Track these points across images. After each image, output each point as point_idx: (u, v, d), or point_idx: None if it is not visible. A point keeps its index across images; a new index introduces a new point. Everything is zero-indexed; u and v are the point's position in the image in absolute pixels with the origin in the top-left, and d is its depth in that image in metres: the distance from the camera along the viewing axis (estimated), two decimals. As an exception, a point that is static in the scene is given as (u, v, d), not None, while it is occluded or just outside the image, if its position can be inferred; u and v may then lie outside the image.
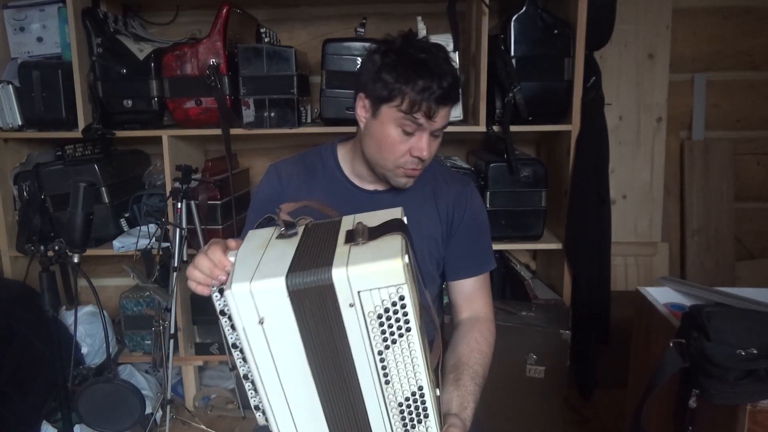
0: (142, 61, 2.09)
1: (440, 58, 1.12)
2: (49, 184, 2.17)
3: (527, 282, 2.27)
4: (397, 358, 0.87)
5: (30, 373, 1.96)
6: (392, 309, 0.84)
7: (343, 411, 0.91)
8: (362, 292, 0.83)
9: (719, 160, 2.60)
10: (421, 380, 0.89)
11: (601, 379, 2.24)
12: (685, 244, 2.63)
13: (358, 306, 0.83)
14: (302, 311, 0.84)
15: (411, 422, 0.92)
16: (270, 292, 0.83)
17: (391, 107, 1.11)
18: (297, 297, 0.83)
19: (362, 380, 0.88)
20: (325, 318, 0.85)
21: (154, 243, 2.15)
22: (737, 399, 1.06)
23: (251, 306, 0.84)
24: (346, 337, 0.85)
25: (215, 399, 2.41)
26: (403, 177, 1.17)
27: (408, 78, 1.08)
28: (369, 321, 0.84)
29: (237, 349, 0.94)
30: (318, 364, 0.87)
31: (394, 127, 1.12)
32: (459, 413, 1.05)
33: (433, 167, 1.31)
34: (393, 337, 0.85)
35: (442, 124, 1.13)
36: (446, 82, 1.09)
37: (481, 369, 1.15)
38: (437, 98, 1.08)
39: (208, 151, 2.58)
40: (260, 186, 1.28)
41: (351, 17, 2.39)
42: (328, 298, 0.83)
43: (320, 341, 0.86)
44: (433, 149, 1.15)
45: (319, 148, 1.31)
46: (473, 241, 1.27)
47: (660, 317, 1.38)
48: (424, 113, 1.09)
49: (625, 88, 2.51)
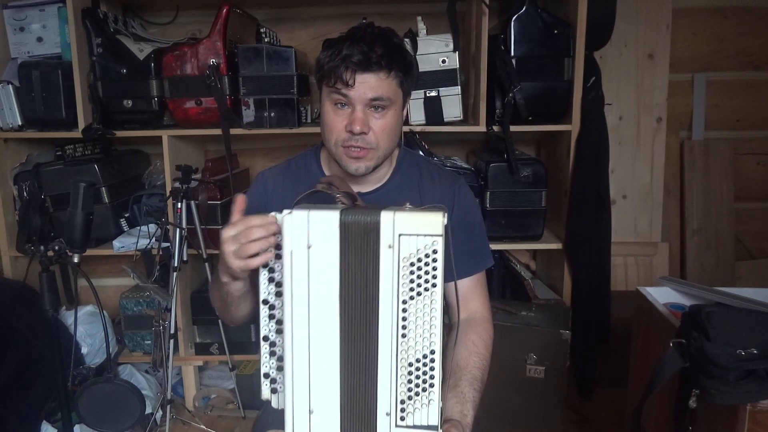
0: (142, 61, 2.09)
1: (375, 32, 1.11)
2: (49, 184, 2.17)
3: (527, 282, 2.27)
4: (417, 313, 0.93)
5: (30, 373, 1.96)
6: (424, 260, 0.91)
7: (357, 356, 0.95)
8: (403, 236, 0.91)
9: (719, 160, 2.60)
10: (435, 344, 0.93)
11: (601, 379, 2.24)
12: (685, 244, 2.63)
13: (396, 249, 0.92)
14: (347, 245, 0.93)
15: (417, 387, 0.95)
16: (324, 221, 0.93)
17: (324, 86, 1.12)
18: (346, 230, 0.93)
19: (382, 326, 0.94)
20: (365, 255, 0.93)
21: (154, 243, 2.15)
22: (737, 399, 1.06)
23: (304, 230, 0.93)
24: (379, 277, 0.93)
25: (215, 399, 2.41)
26: (348, 159, 1.14)
27: (332, 49, 1.09)
28: (402, 266, 0.92)
29: (273, 283, 0.99)
30: (347, 299, 0.94)
31: (329, 103, 1.13)
32: (460, 420, 1.04)
33: (420, 165, 1.28)
34: (419, 289, 0.92)
35: (374, 94, 1.09)
36: (367, 48, 1.06)
37: (479, 373, 1.14)
38: (356, 63, 1.06)
39: (208, 151, 2.58)
40: (249, 193, 1.27)
41: (351, 17, 2.39)
42: (371, 236, 0.92)
43: (355, 277, 0.94)
44: (377, 126, 1.11)
45: (304, 154, 1.30)
46: (465, 239, 1.22)
47: (660, 317, 1.39)
48: (342, 80, 1.07)
49: (625, 88, 2.51)
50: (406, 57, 1.14)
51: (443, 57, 2.06)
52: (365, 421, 0.96)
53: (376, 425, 0.95)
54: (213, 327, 2.32)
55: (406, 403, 0.95)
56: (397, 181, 1.25)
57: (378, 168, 1.19)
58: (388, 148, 1.16)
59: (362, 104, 1.09)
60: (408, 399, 0.95)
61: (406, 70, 1.13)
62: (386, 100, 1.10)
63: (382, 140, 1.13)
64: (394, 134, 1.16)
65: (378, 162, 1.16)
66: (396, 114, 1.14)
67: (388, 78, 1.10)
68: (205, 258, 2.14)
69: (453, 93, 2.08)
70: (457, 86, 2.08)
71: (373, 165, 1.15)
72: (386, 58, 1.08)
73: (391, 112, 1.13)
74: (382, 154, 1.15)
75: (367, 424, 0.96)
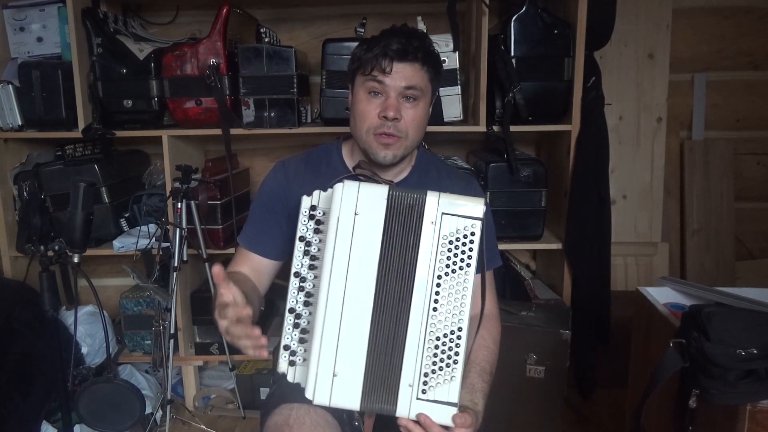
0: (142, 61, 2.09)
1: (409, 29, 1.17)
2: (49, 184, 2.17)
3: (527, 282, 2.27)
4: (450, 289, 0.98)
5: (30, 373, 1.96)
6: (462, 240, 0.98)
7: (387, 325, 0.98)
8: (445, 215, 0.98)
9: (719, 160, 2.60)
10: (463, 322, 0.98)
11: (601, 379, 2.24)
12: (685, 244, 2.63)
13: (437, 225, 0.98)
14: (391, 216, 0.99)
15: (441, 362, 0.98)
16: (373, 193, 0.99)
17: (359, 76, 1.17)
18: (393, 202, 0.99)
19: (415, 297, 0.98)
20: (408, 228, 0.99)
21: (154, 243, 2.15)
22: (737, 399, 1.06)
23: (354, 199, 0.98)
24: (418, 250, 0.98)
25: (215, 399, 2.41)
26: (378, 146, 1.17)
27: (369, 44, 1.16)
28: (441, 243, 0.98)
29: (308, 256, 1.04)
30: (385, 268, 0.98)
31: (363, 92, 1.17)
32: (472, 408, 1.06)
33: (437, 164, 1.33)
34: (454, 267, 0.98)
35: (408, 83, 1.15)
36: (405, 40, 1.13)
37: (488, 366, 1.17)
38: (394, 52, 1.12)
39: (208, 151, 2.58)
40: (267, 180, 1.30)
41: (351, 17, 2.39)
42: (416, 211, 0.99)
43: (395, 248, 0.99)
44: (408, 115, 1.16)
45: (324, 146, 1.34)
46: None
47: (660, 317, 1.38)
48: (380, 68, 1.13)
49: (625, 88, 2.51)
50: (438, 56, 1.22)
51: (443, 57, 2.04)
52: (387, 389, 0.98)
53: (398, 395, 0.97)
54: (213, 327, 2.31)
55: (429, 377, 0.97)
56: (417, 177, 1.29)
57: (402, 160, 1.23)
58: (415, 140, 1.21)
59: (396, 92, 1.15)
60: (431, 372, 0.97)
61: (437, 67, 1.20)
62: (419, 90, 1.16)
63: (411, 130, 1.18)
64: (422, 127, 1.21)
65: (405, 152, 1.20)
66: (425, 107, 1.20)
67: (422, 70, 1.16)
68: (205, 258, 2.14)
69: (453, 93, 2.08)
70: (457, 86, 2.08)
71: (401, 155, 1.19)
72: (422, 51, 1.15)
73: (421, 104, 1.18)
74: (410, 145, 1.20)
75: (389, 392, 0.98)
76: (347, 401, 0.97)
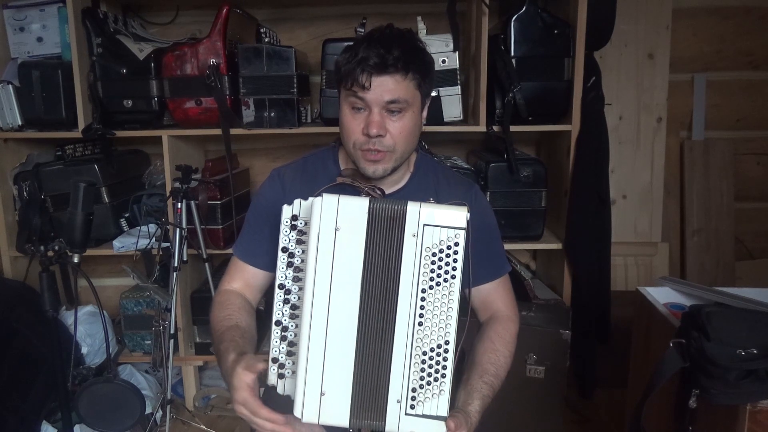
0: (142, 61, 2.09)
1: (393, 34, 1.10)
2: (49, 184, 2.17)
3: (527, 282, 2.27)
4: (435, 302, 0.96)
5: (30, 373, 1.96)
6: (445, 252, 0.95)
7: (373, 341, 0.97)
8: (427, 226, 0.95)
9: (719, 160, 2.60)
10: (450, 335, 0.96)
11: (601, 379, 2.24)
12: (685, 244, 2.63)
13: (419, 238, 0.95)
14: (373, 230, 0.96)
15: (429, 376, 0.96)
16: (353, 207, 0.96)
17: (342, 89, 1.11)
18: (374, 215, 0.96)
19: (400, 313, 0.96)
20: (389, 241, 0.96)
21: (154, 243, 2.15)
22: (737, 399, 1.06)
23: (333, 214, 0.95)
24: (401, 264, 0.95)
25: (215, 399, 2.41)
26: (366, 162, 1.13)
27: (351, 51, 1.09)
28: (424, 256, 0.95)
29: (291, 267, 1.02)
30: (368, 284, 0.96)
31: (347, 106, 1.12)
32: (462, 407, 1.05)
33: (437, 170, 1.29)
34: (438, 279, 0.95)
35: (391, 97, 1.07)
36: (383, 50, 1.05)
37: (492, 368, 1.14)
38: (372, 66, 1.05)
39: (208, 151, 2.58)
40: (262, 190, 1.27)
41: (351, 17, 2.39)
42: (397, 224, 0.96)
43: (378, 262, 0.96)
44: (394, 128, 1.10)
45: (320, 151, 1.30)
46: (485, 245, 1.22)
47: (660, 317, 1.38)
48: (359, 84, 1.06)
49: (625, 88, 2.51)
50: (425, 58, 1.13)
51: (443, 57, 2.05)
52: (375, 406, 0.96)
53: (386, 411, 0.96)
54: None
55: (417, 392, 0.96)
56: (415, 184, 1.25)
57: (396, 170, 1.18)
58: (406, 151, 1.15)
59: (379, 107, 1.08)
60: (419, 388, 0.96)
61: (424, 71, 1.12)
62: (403, 102, 1.09)
63: (399, 143, 1.12)
64: (412, 136, 1.15)
65: (396, 164, 1.15)
66: (414, 116, 1.13)
67: (405, 80, 1.08)
68: (205, 258, 2.14)
69: (453, 93, 2.08)
70: (457, 86, 2.08)
71: (391, 167, 1.15)
72: (403, 60, 1.07)
73: (408, 115, 1.11)
74: (400, 156, 1.14)
75: (377, 409, 0.96)
76: (336, 419, 0.96)
